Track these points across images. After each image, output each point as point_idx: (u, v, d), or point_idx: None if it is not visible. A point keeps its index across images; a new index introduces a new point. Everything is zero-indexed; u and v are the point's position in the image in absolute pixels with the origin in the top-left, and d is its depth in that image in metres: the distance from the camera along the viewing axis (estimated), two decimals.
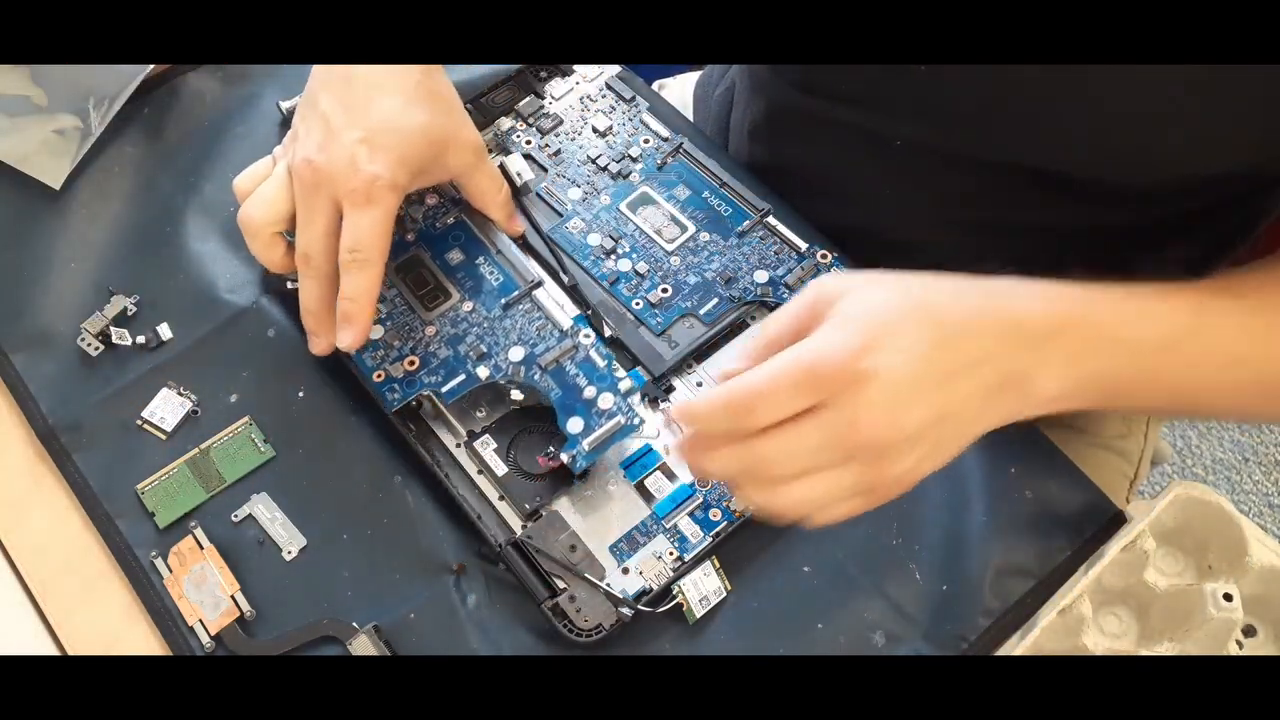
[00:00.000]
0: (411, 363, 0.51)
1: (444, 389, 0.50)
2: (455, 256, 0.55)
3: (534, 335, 0.52)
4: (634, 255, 0.55)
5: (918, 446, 0.39)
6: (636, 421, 0.49)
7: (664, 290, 0.54)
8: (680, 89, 0.79)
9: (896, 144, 0.55)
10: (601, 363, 0.51)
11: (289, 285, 0.55)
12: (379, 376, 0.51)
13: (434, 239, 0.56)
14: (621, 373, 0.51)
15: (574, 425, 0.49)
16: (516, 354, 0.51)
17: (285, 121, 0.61)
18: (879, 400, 0.37)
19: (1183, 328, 0.43)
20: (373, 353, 0.52)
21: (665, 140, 0.59)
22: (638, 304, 0.54)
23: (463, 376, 0.51)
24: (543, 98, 0.61)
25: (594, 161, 0.58)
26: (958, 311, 0.40)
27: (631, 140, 0.59)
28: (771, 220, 0.56)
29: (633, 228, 0.56)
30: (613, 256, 0.55)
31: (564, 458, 0.48)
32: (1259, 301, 0.44)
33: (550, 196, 0.57)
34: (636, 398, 0.50)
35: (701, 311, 0.53)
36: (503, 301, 0.53)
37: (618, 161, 0.58)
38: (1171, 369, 0.43)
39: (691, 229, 0.56)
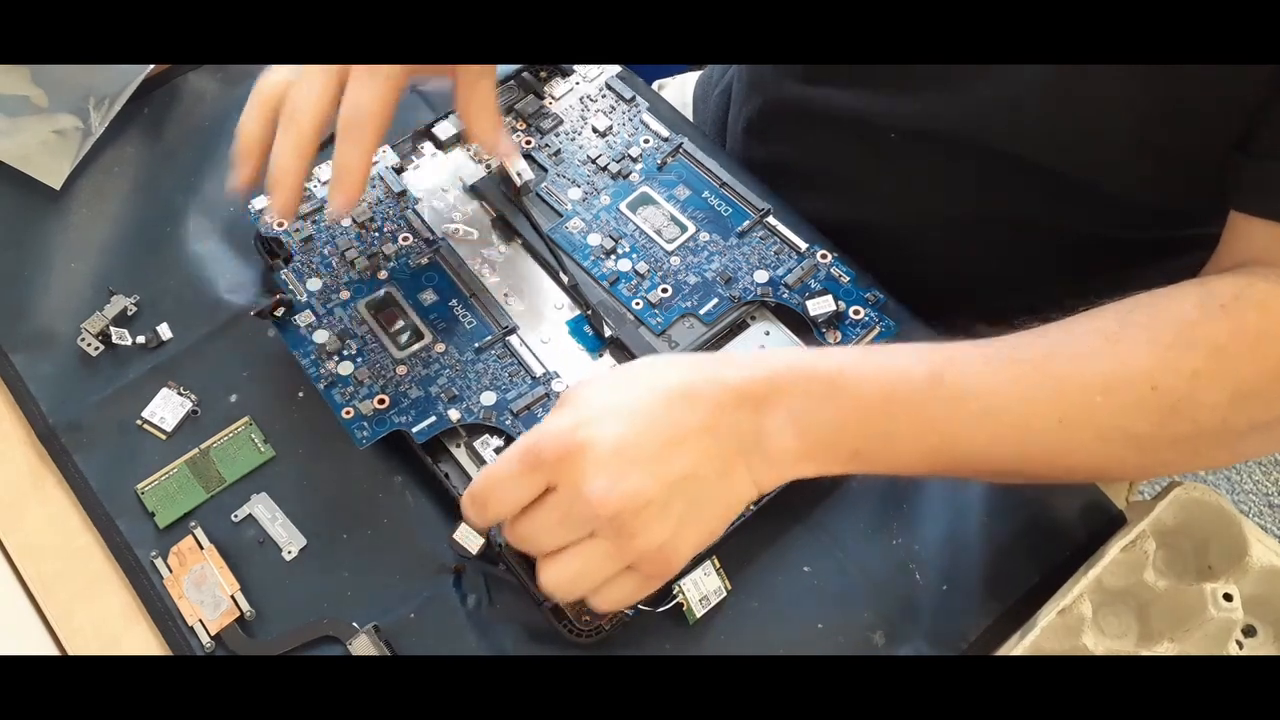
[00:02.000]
0: (381, 401, 0.50)
1: (415, 429, 0.50)
2: (428, 297, 0.54)
3: (506, 380, 0.51)
4: (634, 255, 0.55)
5: (664, 516, 0.40)
6: None
7: (664, 290, 0.54)
8: (680, 89, 0.79)
9: (891, 136, 0.55)
10: None
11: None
12: (348, 414, 0.50)
13: (407, 279, 0.55)
14: None
15: None
16: (488, 399, 0.51)
17: None
18: (597, 468, 0.39)
19: (919, 377, 0.42)
20: (342, 389, 0.51)
21: (665, 140, 0.59)
22: (638, 304, 0.53)
23: (434, 418, 0.50)
24: (543, 98, 0.61)
25: (594, 161, 0.58)
26: (676, 382, 0.41)
27: (631, 140, 0.59)
28: (771, 220, 0.56)
29: (633, 228, 0.56)
30: (613, 256, 0.55)
31: None
32: (1023, 355, 0.42)
33: (550, 196, 0.57)
34: None
35: (701, 311, 0.53)
36: (475, 345, 0.52)
37: (618, 161, 0.58)
38: (911, 420, 0.42)
39: (691, 229, 0.56)
